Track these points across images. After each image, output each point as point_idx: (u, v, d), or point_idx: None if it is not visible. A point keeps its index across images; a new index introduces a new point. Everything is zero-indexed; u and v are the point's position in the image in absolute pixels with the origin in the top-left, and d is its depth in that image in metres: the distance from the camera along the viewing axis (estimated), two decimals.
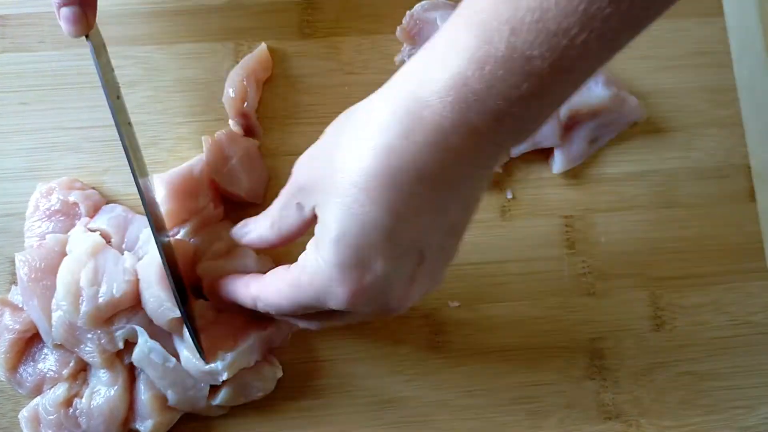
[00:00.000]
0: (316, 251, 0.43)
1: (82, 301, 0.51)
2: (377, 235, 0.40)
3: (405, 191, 0.39)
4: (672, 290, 0.61)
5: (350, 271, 0.41)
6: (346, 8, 0.62)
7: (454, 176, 0.40)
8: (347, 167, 0.41)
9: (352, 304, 0.43)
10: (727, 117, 0.63)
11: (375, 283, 0.42)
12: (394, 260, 0.41)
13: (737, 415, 0.59)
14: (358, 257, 0.41)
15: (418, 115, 0.38)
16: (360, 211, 0.40)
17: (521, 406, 0.58)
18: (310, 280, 0.43)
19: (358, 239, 0.41)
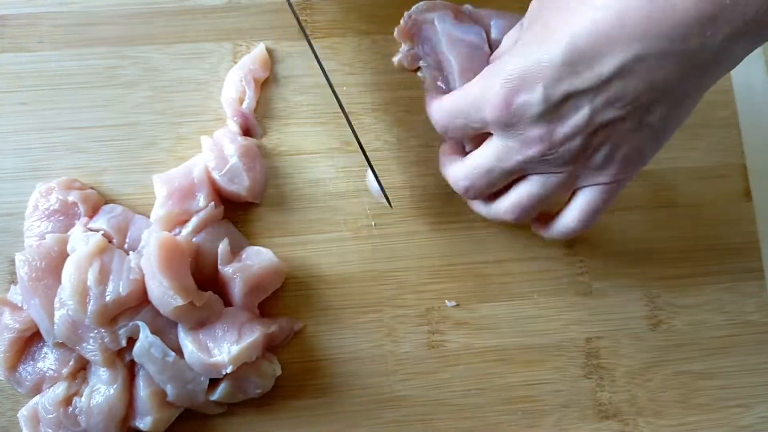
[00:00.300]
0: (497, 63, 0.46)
1: (89, 300, 0.51)
2: (547, 65, 0.43)
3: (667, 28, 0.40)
4: (669, 290, 0.61)
5: (512, 83, 0.44)
6: (345, 9, 0.62)
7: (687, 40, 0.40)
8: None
9: (504, 120, 0.45)
10: (724, 117, 0.64)
11: (526, 107, 0.44)
12: (553, 97, 0.43)
13: (734, 415, 0.60)
14: (524, 73, 0.44)
15: None
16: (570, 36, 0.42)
17: (518, 405, 0.58)
18: (478, 85, 0.46)
19: (531, 59, 0.43)
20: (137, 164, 0.59)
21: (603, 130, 0.45)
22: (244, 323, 0.54)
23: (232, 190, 0.57)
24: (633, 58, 0.41)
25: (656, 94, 0.43)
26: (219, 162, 0.57)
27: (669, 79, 0.43)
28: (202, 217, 0.56)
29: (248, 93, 0.59)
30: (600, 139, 0.45)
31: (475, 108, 0.47)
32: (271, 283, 0.57)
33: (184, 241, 0.54)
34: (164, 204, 0.56)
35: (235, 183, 0.57)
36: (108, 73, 0.60)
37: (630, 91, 0.43)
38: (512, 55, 0.45)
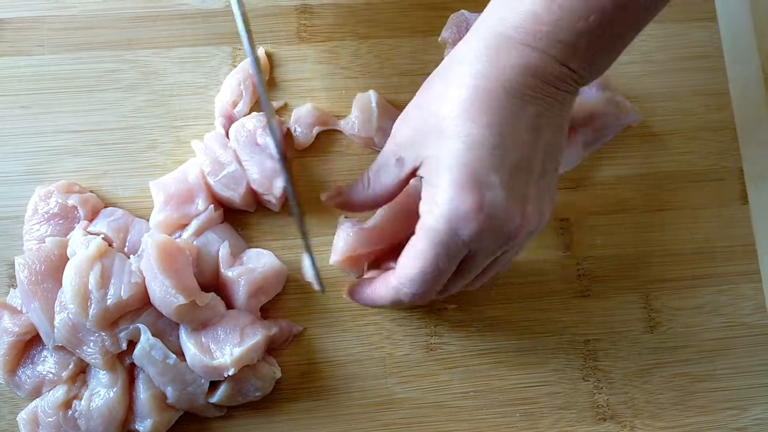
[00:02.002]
0: (431, 194, 0.46)
1: (90, 304, 0.51)
2: (486, 151, 0.44)
3: (497, 109, 0.44)
4: (666, 292, 0.61)
5: (471, 189, 0.44)
6: (343, 13, 0.62)
7: (539, 95, 0.45)
8: (444, 107, 0.45)
9: (480, 222, 0.45)
10: (721, 120, 0.64)
11: (495, 197, 0.44)
12: (506, 174, 0.45)
13: (730, 416, 0.60)
14: (473, 175, 0.44)
15: (498, 45, 0.44)
16: (465, 136, 0.44)
17: (516, 407, 0.58)
18: (437, 221, 0.45)
19: (469, 160, 0.44)
20: (137, 168, 0.59)
21: (544, 190, 0.47)
22: (246, 325, 0.54)
23: (227, 196, 0.57)
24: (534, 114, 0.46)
25: (560, 131, 0.48)
26: (215, 167, 0.57)
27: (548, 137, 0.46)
28: (202, 221, 0.56)
29: (244, 97, 0.59)
30: (545, 198, 0.48)
31: (451, 240, 0.45)
32: (273, 285, 0.57)
33: (184, 243, 0.54)
34: (162, 209, 0.56)
35: (231, 189, 0.57)
36: (108, 76, 0.60)
37: (549, 143, 0.46)
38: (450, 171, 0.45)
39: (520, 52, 0.44)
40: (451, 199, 0.44)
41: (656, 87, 0.64)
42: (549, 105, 0.45)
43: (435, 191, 0.45)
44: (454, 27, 0.61)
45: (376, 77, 0.61)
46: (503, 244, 0.46)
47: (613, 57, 0.47)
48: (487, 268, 0.50)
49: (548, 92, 0.45)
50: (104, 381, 0.53)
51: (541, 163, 0.46)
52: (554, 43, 0.43)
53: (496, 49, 0.44)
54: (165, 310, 0.52)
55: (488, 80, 0.44)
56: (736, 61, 0.65)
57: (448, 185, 0.44)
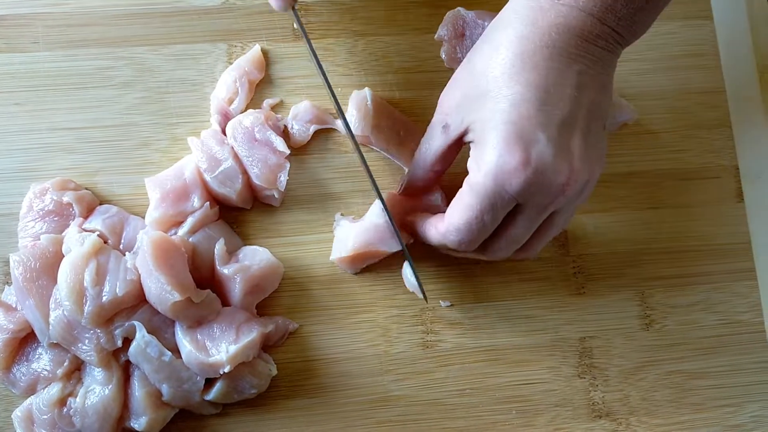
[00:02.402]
0: (478, 152, 0.47)
1: (86, 301, 0.51)
2: (530, 108, 0.46)
3: (542, 68, 0.46)
4: (661, 290, 0.61)
5: (517, 145, 0.46)
6: (339, 10, 0.62)
7: (582, 53, 0.46)
8: (488, 69, 0.47)
9: (527, 177, 0.46)
10: (716, 118, 0.64)
11: (541, 153, 0.46)
12: (552, 130, 0.46)
13: (725, 413, 0.60)
14: (519, 132, 0.46)
15: (540, 7, 0.46)
16: (509, 95, 0.46)
17: (512, 404, 0.59)
18: (485, 177, 0.47)
19: (514, 117, 0.46)
20: (132, 165, 0.59)
21: (591, 148, 0.48)
22: (242, 323, 0.54)
23: (223, 193, 0.57)
24: (577, 71, 0.47)
25: (605, 90, 0.49)
26: (211, 163, 0.57)
27: (592, 95, 0.48)
28: (198, 218, 0.56)
29: (240, 95, 0.59)
30: (593, 157, 0.48)
31: (498, 192, 0.47)
32: (269, 283, 0.57)
33: (180, 240, 0.54)
34: (158, 206, 0.56)
35: (227, 186, 0.56)
36: (102, 73, 0.60)
37: (593, 101, 0.48)
38: (496, 128, 0.46)
39: (561, 12, 0.46)
40: (499, 156, 0.46)
41: (652, 85, 0.64)
42: (592, 63, 0.47)
43: (482, 149, 0.47)
44: (451, 24, 0.61)
45: (371, 75, 0.61)
46: (553, 199, 0.47)
47: (653, 16, 0.49)
48: (542, 228, 0.51)
49: (590, 51, 0.47)
50: (99, 378, 0.53)
51: (586, 120, 0.47)
52: (594, 2, 0.45)
53: (537, 10, 0.46)
54: (161, 307, 0.52)
55: (531, 41, 0.46)
56: (731, 59, 0.65)
57: (496, 142, 0.46)
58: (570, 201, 0.49)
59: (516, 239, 0.50)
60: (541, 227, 0.50)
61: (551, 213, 0.49)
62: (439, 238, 0.52)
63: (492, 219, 0.48)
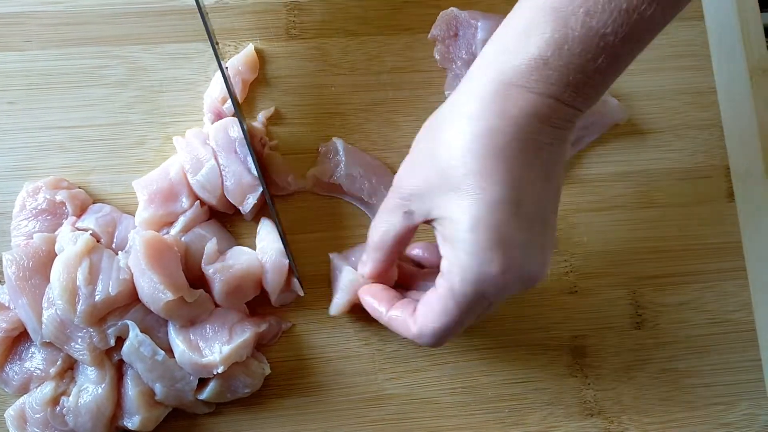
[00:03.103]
0: (454, 254, 0.45)
1: (79, 300, 0.51)
2: (506, 210, 0.43)
3: (515, 164, 0.43)
4: (652, 289, 0.62)
5: (496, 250, 0.44)
6: (333, 10, 0.63)
7: (548, 140, 0.44)
8: (456, 161, 0.44)
9: (506, 281, 0.44)
10: (707, 118, 0.65)
11: (521, 255, 0.44)
12: (526, 229, 0.44)
13: (717, 412, 0.60)
14: (497, 236, 0.43)
15: (507, 95, 0.43)
16: (482, 194, 0.43)
17: (505, 403, 0.59)
18: (465, 285, 0.45)
19: (490, 220, 0.43)
20: (125, 164, 0.59)
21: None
22: (235, 323, 0.54)
23: (204, 197, 0.56)
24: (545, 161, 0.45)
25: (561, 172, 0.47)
26: (194, 164, 0.56)
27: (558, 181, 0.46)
28: (189, 217, 0.56)
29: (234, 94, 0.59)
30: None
31: (479, 300, 0.45)
32: (252, 284, 0.56)
33: (172, 240, 0.54)
34: (147, 207, 0.55)
35: (207, 191, 0.56)
36: (96, 72, 0.60)
37: (558, 185, 0.46)
38: (474, 230, 0.44)
39: (529, 101, 0.42)
40: (479, 264, 0.44)
41: (643, 85, 0.64)
42: (557, 146, 0.44)
43: (458, 253, 0.44)
44: (444, 24, 0.61)
45: (364, 74, 0.62)
46: (522, 291, 0.47)
47: (606, 81, 0.45)
48: None
49: (557, 135, 0.44)
50: (92, 377, 0.53)
51: (554, 209, 0.46)
52: (563, 88, 0.42)
53: (503, 99, 0.43)
54: (153, 306, 0.52)
55: (500, 134, 0.43)
56: (722, 60, 0.66)
57: (476, 249, 0.44)
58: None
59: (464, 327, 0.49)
60: None
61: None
62: (409, 335, 0.50)
63: (470, 321, 0.47)
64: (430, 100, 0.62)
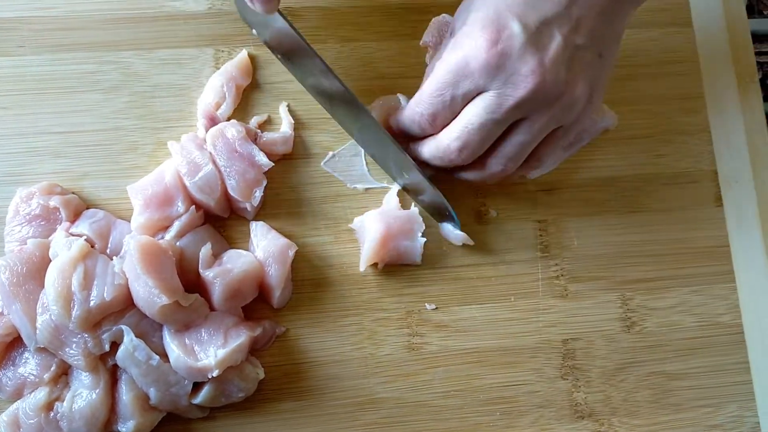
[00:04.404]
0: (457, 35, 0.48)
1: (73, 305, 0.51)
2: (519, 9, 0.46)
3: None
4: (642, 292, 0.62)
5: (489, 26, 0.46)
6: (326, 16, 0.63)
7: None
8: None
9: (491, 60, 0.46)
10: (696, 124, 0.65)
11: (510, 38, 0.46)
12: (529, 21, 0.46)
13: (705, 414, 0.61)
14: (495, 16, 0.46)
15: None
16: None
17: (496, 406, 0.59)
18: (453, 50, 0.47)
19: (497, 4, 0.46)
20: (118, 169, 0.59)
21: (575, 61, 0.48)
22: (230, 327, 0.54)
23: (202, 199, 0.56)
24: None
25: (602, 18, 0.48)
26: (191, 168, 0.56)
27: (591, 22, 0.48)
28: (184, 222, 0.56)
29: (227, 100, 0.59)
30: (575, 71, 0.48)
31: (462, 69, 0.48)
32: (251, 287, 0.56)
33: (167, 244, 0.54)
34: (143, 212, 0.56)
35: (206, 194, 0.56)
36: (89, 78, 0.60)
37: (585, 16, 0.48)
38: (478, 10, 0.48)
39: None
40: (468, 33, 0.46)
41: (633, 91, 0.65)
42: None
43: (460, 32, 0.47)
44: (436, 31, 0.61)
45: (357, 80, 0.62)
46: (523, 93, 0.47)
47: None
48: (545, 142, 0.52)
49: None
50: (87, 382, 0.53)
51: (573, 34, 0.47)
52: None
53: None
54: (148, 310, 0.52)
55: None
56: (710, 65, 0.66)
57: (471, 22, 0.46)
58: (553, 116, 0.49)
59: (510, 151, 0.51)
60: (545, 140, 0.51)
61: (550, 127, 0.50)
62: (408, 113, 0.52)
63: (456, 97, 0.49)
64: None
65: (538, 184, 0.63)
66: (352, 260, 0.59)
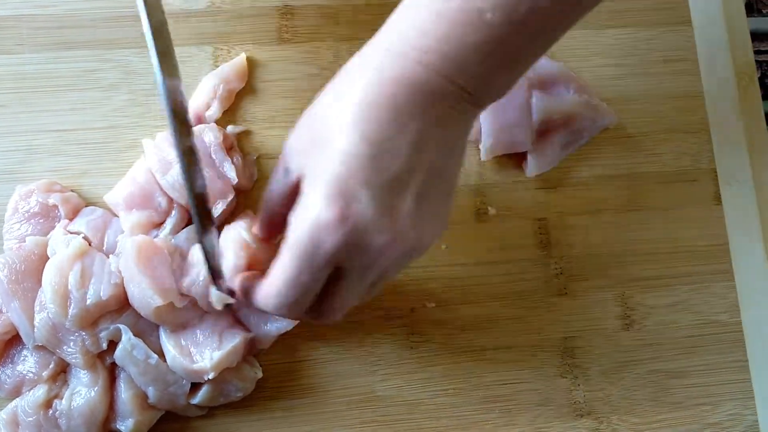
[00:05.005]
0: (302, 207, 0.44)
1: (70, 303, 0.51)
2: (359, 164, 0.42)
3: (380, 121, 0.42)
4: (641, 291, 0.62)
5: (336, 202, 0.42)
6: (324, 14, 0.63)
7: (424, 111, 0.42)
8: (328, 116, 0.44)
9: (344, 237, 0.42)
10: (695, 123, 0.65)
11: (361, 211, 0.42)
12: (378, 189, 0.43)
13: (703, 412, 0.61)
14: (342, 189, 0.42)
15: (387, 60, 0.43)
16: (341, 148, 0.42)
17: (495, 404, 0.59)
18: (301, 233, 0.43)
19: (341, 172, 0.42)
20: (118, 167, 0.59)
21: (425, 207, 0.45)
22: (225, 328, 0.54)
23: (174, 198, 0.56)
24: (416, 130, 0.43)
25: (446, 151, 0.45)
26: (162, 165, 0.56)
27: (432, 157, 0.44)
28: (176, 218, 0.56)
29: (217, 102, 0.59)
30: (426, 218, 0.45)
31: (313, 251, 0.43)
32: None
33: (163, 242, 0.54)
34: (129, 213, 0.55)
35: (177, 191, 0.56)
36: (88, 76, 0.60)
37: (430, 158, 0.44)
38: (320, 175, 0.43)
39: (407, 68, 0.42)
40: (317, 212, 0.42)
41: (632, 90, 0.65)
42: (436, 124, 0.43)
43: (304, 203, 0.44)
44: None
45: None
46: (374, 261, 0.44)
47: (514, 77, 0.44)
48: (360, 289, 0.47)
49: (437, 111, 0.43)
50: (85, 380, 0.53)
51: (422, 182, 0.44)
52: (442, 60, 0.41)
53: (384, 63, 0.42)
54: (143, 311, 0.52)
55: (373, 94, 0.42)
56: (710, 64, 0.66)
57: (317, 197, 0.43)
58: (393, 264, 0.46)
59: (342, 304, 0.47)
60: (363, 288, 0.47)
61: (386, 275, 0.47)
62: (260, 303, 0.47)
63: (312, 280, 0.44)
64: None
65: (537, 183, 0.63)
66: None
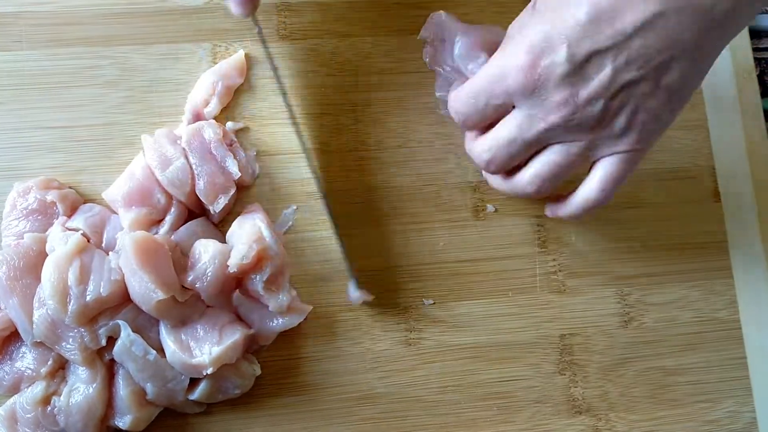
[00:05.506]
0: (503, 47, 0.47)
1: (70, 300, 0.51)
2: (570, 25, 0.44)
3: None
4: (639, 288, 0.62)
5: (534, 49, 0.44)
6: (323, 11, 0.63)
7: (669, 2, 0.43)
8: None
9: (527, 81, 0.45)
10: (694, 120, 0.65)
11: (552, 68, 0.44)
12: (577, 56, 0.44)
13: (702, 409, 0.61)
14: (544, 39, 0.44)
15: None
16: (560, 11, 0.44)
17: (493, 401, 0.59)
18: (493, 61, 0.47)
19: (550, 28, 0.44)
20: (115, 164, 0.59)
21: (622, 93, 0.46)
22: (225, 324, 0.54)
23: (173, 194, 0.56)
24: (653, 14, 0.43)
25: (674, 52, 0.45)
26: (162, 161, 0.56)
27: (687, 35, 0.44)
28: (175, 215, 0.56)
29: (216, 99, 0.59)
30: (619, 103, 0.46)
31: (498, 81, 0.47)
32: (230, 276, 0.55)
33: (163, 238, 0.54)
34: (128, 210, 0.55)
35: (176, 187, 0.56)
36: (86, 73, 0.60)
37: (649, 50, 0.44)
38: (532, 23, 0.46)
39: None
40: (516, 44, 0.45)
41: None
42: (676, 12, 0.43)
43: (503, 47, 0.47)
44: (432, 27, 0.61)
45: (354, 75, 0.62)
46: (545, 117, 0.46)
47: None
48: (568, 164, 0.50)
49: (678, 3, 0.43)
50: (83, 377, 0.53)
51: (628, 67, 0.44)
52: None
53: None
54: (145, 305, 0.52)
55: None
56: None
57: (520, 39, 0.45)
58: (589, 136, 0.47)
59: (542, 170, 0.50)
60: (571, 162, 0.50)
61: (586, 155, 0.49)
62: (450, 104, 0.52)
63: (488, 105, 0.48)
64: (420, 101, 0.62)
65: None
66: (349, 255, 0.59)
